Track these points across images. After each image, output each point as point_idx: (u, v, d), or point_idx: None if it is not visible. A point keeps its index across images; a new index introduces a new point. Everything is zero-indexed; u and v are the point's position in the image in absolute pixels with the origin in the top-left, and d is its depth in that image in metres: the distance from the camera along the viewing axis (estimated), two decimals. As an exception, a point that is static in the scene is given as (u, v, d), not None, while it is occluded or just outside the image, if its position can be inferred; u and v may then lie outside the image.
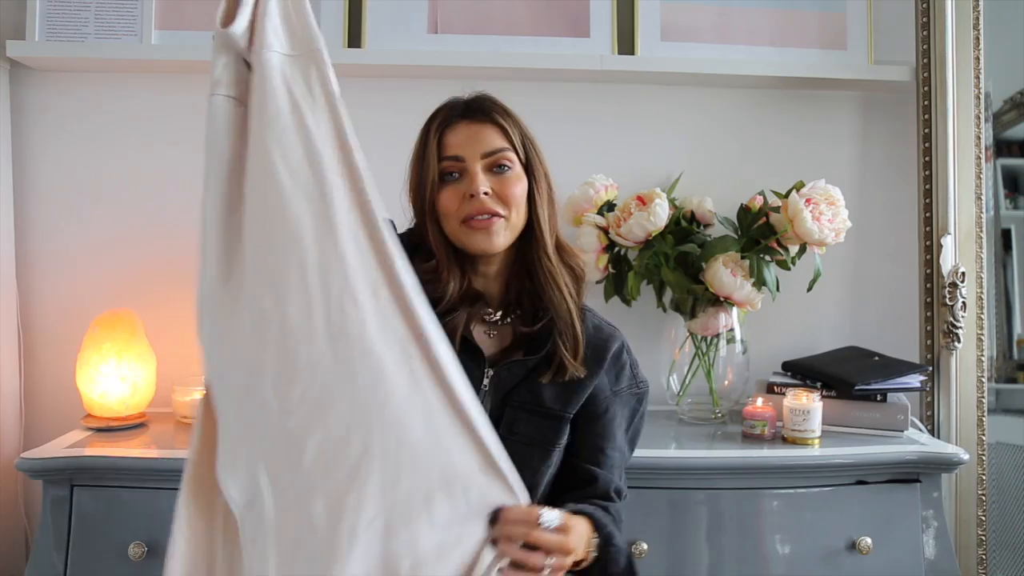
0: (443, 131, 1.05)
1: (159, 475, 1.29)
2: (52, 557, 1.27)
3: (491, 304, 1.10)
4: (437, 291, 1.03)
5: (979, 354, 1.66)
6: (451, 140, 1.04)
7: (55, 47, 1.62)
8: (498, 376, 1.05)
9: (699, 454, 1.40)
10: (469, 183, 1.03)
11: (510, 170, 1.05)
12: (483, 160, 1.04)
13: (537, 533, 0.91)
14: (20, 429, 1.66)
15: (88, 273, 1.68)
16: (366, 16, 1.67)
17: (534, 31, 1.70)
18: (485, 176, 1.03)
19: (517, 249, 1.09)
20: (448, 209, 1.04)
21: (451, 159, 1.04)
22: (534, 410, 1.04)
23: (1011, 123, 1.95)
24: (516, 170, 1.05)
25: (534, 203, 1.07)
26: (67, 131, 1.69)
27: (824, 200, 1.48)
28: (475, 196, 1.02)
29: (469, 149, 1.04)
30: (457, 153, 1.04)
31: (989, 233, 1.72)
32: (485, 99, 1.08)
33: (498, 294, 1.10)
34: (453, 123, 1.06)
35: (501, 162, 1.04)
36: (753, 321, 1.63)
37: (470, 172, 1.03)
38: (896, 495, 1.38)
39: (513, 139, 1.06)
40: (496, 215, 1.03)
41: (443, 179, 1.04)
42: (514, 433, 1.03)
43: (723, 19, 1.73)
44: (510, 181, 1.04)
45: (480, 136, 1.04)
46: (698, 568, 1.34)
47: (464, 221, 1.03)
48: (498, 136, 1.05)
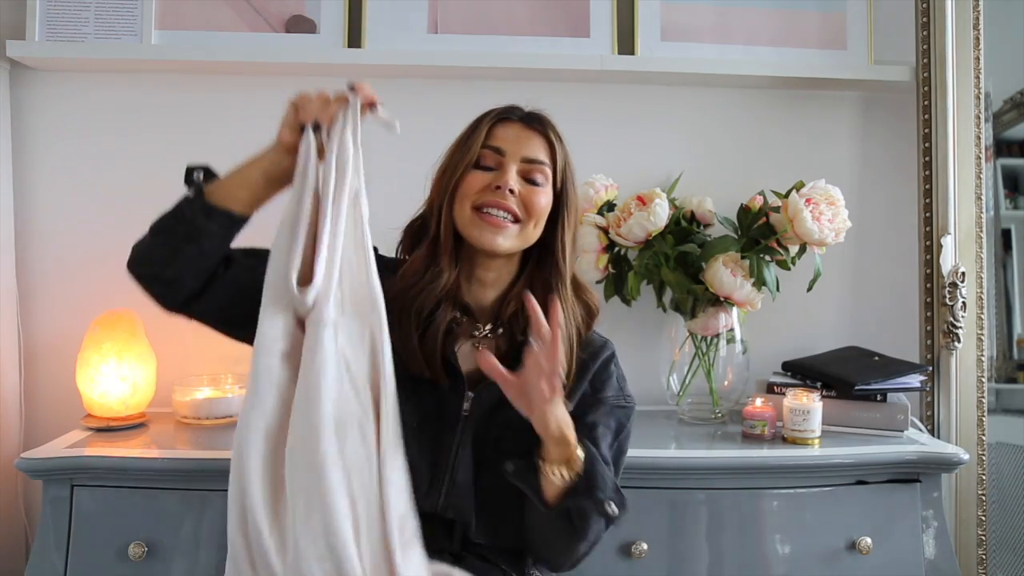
0: (495, 123, 1.07)
1: (159, 475, 1.29)
2: (52, 557, 1.27)
3: (479, 316, 1.09)
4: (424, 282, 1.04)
5: (979, 354, 1.66)
6: (500, 133, 1.06)
7: (55, 47, 1.62)
8: (479, 397, 1.04)
9: (699, 454, 1.40)
10: (500, 176, 1.04)
11: (541, 187, 1.06)
12: (522, 163, 1.05)
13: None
14: (20, 429, 1.66)
15: (88, 273, 1.67)
16: (366, 16, 1.67)
17: (534, 31, 1.70)
18: (517, 179, 1.04)
19: (524, 266, 1.09)
20: (469, 189, 1.04)
21: (493, 149, 1.05)
22: (520, 426, 0.98)
23: (1011, 123, 1.95)
24: (547, 188, 1.06)
25: (561, 228, 1.07)
26: (67, 131, 1.69)
27: (824, 200, 1.48)
28: (500, 188, 1.02)
29: (514, 147, 1.05)
30: (500, 146, 1.05)
31: (989, 233, 1.72)
32: (545, 117, 1.11)
33: (490, 304, 1.09)
34: (508, 121, 1.08)
35: (536, 175, 1.05)
36: (753, 321, 1.63)
37: (505, 167, 1.04)
38: (896, 495, 1.38)
39: (556, 160, 1.07)
40: (513, 215, 1.03)
41: (477, 164, 1.05)
42: (502, 452, 1.01)
43: (723, 19, 1.73)
44: (538, 193, 1.05)
45: (528, 141, 1.06)
46: (698, 568, 1.34)
47: (479, 209, 1.03)
48: (544, 150, 1.07)
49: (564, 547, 1.01)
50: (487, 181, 1.04)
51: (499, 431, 1.03)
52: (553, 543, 1.02)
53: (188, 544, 1.28)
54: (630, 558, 1.32)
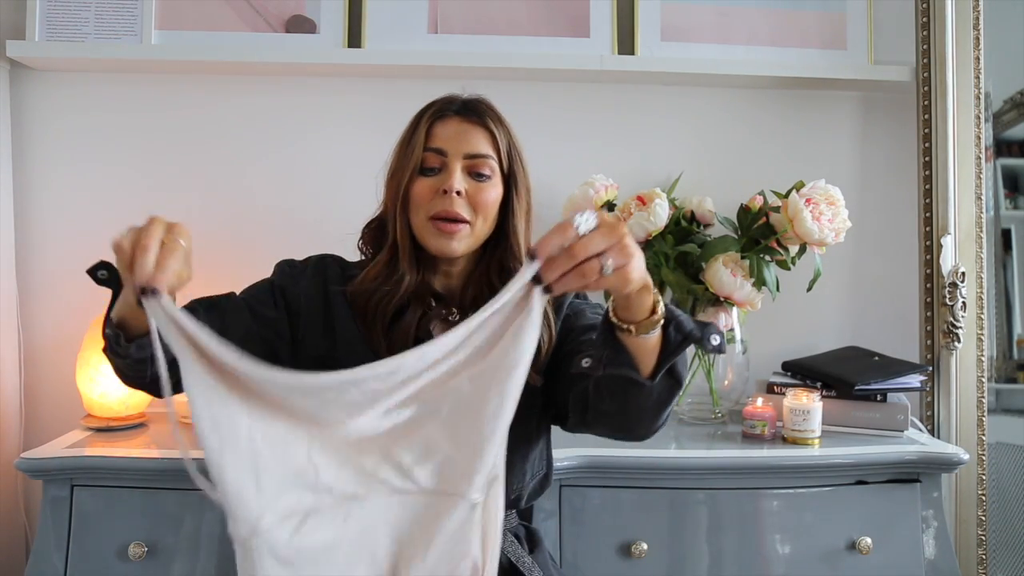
0: (433, 122, 1.06)
1: (159, 475, 1.29)
2: (52, 557, 1.27)
3: (451, 301, 1.10)
4: (387, 286, 1.04)
5: (979, 354, 1.66)
6: (439, 132, 1.06)
7: (55, 47, 1.62)
8: None
9: (699, 454, 1.40)
10: (445, 178, 1.04)
11: (488, 180, 1.06)
12: (465, 160, 1.05)
13: (574, 237, 0.76)
14: (20, 429, 1.66)
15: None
16: (366, 16, 1.67)
17: (534, 31, 1.70)
18: (463, 176, 1.04)
19: (483, 253, 1.10)
20: (419, 200, 1.05)
21: (434, 151, 1.05)
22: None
23: (1011, 123, 1.95)
24: (494, 180, 1.06)
25: (511, 213, 1.08)
26: (67, 131, 1.69)
27: (824, 200, 1.48)
28: (448, 193, 1.03)
29: (454, 146, 1.05)
30: (441, 147, 1.05)
31: (989, 233, 1.72)
32: (481, 102, 1.09)
33: (459, 294, 1.11)
34: (445, 117, 1.07)
35: (481, 169, 1.05)
36: (753, 321, 1.63)
37: (449, 168, 1.04)
38: (896, 495, 1.38)
39: (500, 147, 1.07)
40: (462, 221, 1.03)
41: (422, 170, 1.05)
42: None
43: (723, 19, 1.73)
44: (485, 188, 1.05)
45: (468, 136, 1.05)
46: (698, 568, 1.34)
47: (431, 218, 1.04)
48: (485, 141, 1.06)
49: (662, 407, 0.90)
50: (434, 187, 1.04)
51: None
52: (649, 412, 0.90)
53: (188, 544, 1.28)
54: (630, 558, 1.32)
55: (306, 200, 1.72)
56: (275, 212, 1.71)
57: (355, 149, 1.67)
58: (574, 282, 0.76)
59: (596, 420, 0.96)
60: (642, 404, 0.88)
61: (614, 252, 0.75)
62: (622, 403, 0.89)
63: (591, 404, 0.94)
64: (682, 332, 0.85)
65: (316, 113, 1.72)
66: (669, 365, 0.86)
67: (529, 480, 1.09)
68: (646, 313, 0.83)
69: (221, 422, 0.73)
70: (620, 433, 0.97)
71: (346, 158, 1.69)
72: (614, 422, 0.94)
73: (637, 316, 0.83)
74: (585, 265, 0.75)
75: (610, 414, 0.92)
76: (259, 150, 1.72)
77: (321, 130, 1.72)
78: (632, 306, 0.83)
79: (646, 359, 0.86)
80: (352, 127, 1.70)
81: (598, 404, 0.92)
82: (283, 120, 1.72)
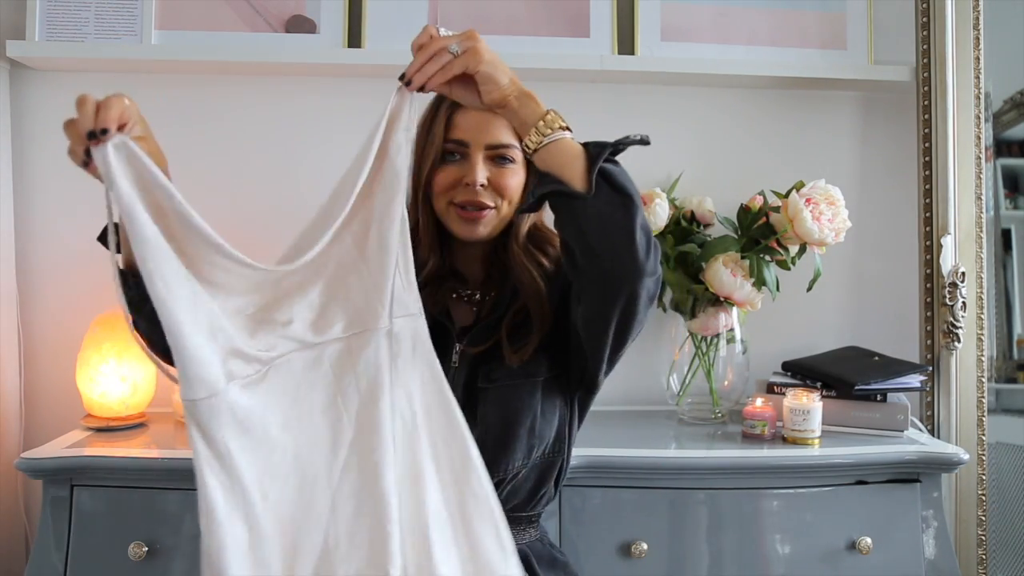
0: (454, 111, 1.05)
1: (159, 475, 1.29)
2: (52, 557, 1.27)
3: (471, 285, 1.12)
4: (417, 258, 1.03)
5: (979, 354, 1.66)
6: (460, 123, 1.04)
7: (55, 47, 1.62)
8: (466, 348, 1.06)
9: (699, 454, 1.40)
10: (468, 170, 1.03)
11: (511, 164, 1.05)
12: (487, 151, 1.04)
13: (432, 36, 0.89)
14: (20, 429, 1.66)
15: (88, 273, 1.67)
16: (366, 16, 1.67)
17: (534, 31, 1.70)
18: (485, 166, 1.04)
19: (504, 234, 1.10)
20: (441, 188, 1.05)
21: (455, 143, 1.04)
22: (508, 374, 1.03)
23: (1011, 123, 1.95)
24: (517, 165, 1.06)
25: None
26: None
27: (824, 200, 1.48)
28: (471, 185, 1.02)
29: (476, 136, 1.04)
30: (462, 138, 1.04)
31: (989, 233, 1.72)
32: None
33: (480, 276, 1.12)
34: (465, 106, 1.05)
35: (504, 155, 1.05)
36: (753, 321, 1.63)
37: (471, 160, 1.04)
38: (896, 495, 1.38)
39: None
40: (487, 208, 1.04)
41: (444, 158, 1.05)
42: (493, 380, 1.03)
43: (723, 19, 1.73)
44: (508, 173, 1.05)
45: (489, 126, 1.04)
46: (698, 568, 1.34)
47: (454, 204, 1.04)
48: (507, 130, 1.04)
49: (624, 226, 0.87)
50: (456, 176, 1.04)
51: (488, 366, 1.04)
52: (612, 231, 0.88)
53: (188, 544, 1.28)
54: (630, 558, 1.32)
55: (306, 200, 1.71)
56: (275, 212, 1.71)
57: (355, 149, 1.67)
58: (430, 68, 0.86)
59: (582, 285, 0.94)
60: (596, 225, 0.87)
61: (460, 39, 0.87)
62: (577, 230, 0.88)
63: (569, 271, 0.95)
64: (602, 144, 0.88)
65: (316, 113, 1.72)
66: (605, 177, 0.87)
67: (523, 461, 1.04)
68: (532, 119, 0.89)
69: (171, 281, 0.72)
70: (608, 281, 0.91)
71: (346, 158, 1.69)
72: (593, 268, 0.90)
73: (530, 121, 0.89)
74: (436, 54, 0.87)
75: (582, 259, 0.90)
76: (259, 150, 1.72)
77: (321, 130, 1.71)
78: (521, 113, 0.89)
79: (572, 174, 0.87)
80: (352, 127, 1.70)
81: (570, 260, 0.92)
82: (283, 120, 1.72)
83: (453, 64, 0.87)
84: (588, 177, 0.86)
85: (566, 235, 0.91)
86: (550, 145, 0.88)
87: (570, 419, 1.10)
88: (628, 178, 0.89)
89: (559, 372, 1.06)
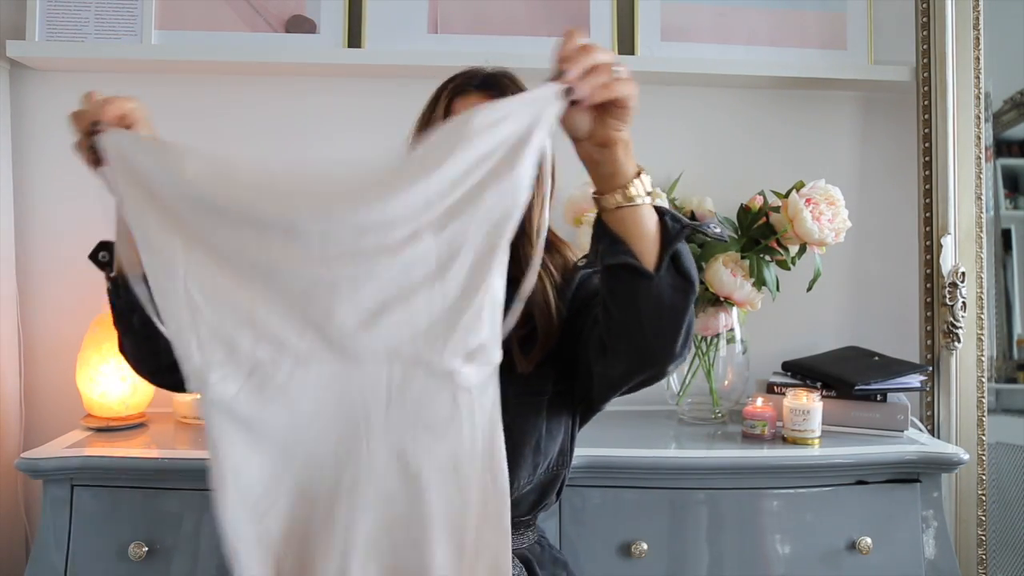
0: (453, 97, 1.02)
1: (159, 475, 1.29)
2: (52, 557, 1.27)
3: None
4: None
5: (979, 354, 1.66)
6: (459, 109, 1.01)
7: (55, 47, 1.62)
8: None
9: (699, 454, 1.40)
10: None
11: None
12: None
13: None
14: (20, 429, 1.66)
15: (88, 273, 1.65)
16: (366, 16, 1.67)
17: (534, 31, 1.70)
18: None
19: None
20: None
21: None
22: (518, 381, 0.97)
23: (1011, 123, 1.95)
24: None
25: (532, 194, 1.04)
26: (67, 131, 1.68)
27: (824, 200, 1.48)
28: None
29: None
30: None
31: (989, 233, 1.72)
32: (505, 76, 1.04)
33: None
34: (466, 92, 1.02)
35: None
36: (753, 321, 1.63)
37: None
38: (896, 495, 1.38)
39: None
40: None
41: None
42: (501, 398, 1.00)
43: (723, 19, 1.73)
44: None
45: None
46: (698, 568, 1.34)
47: None
48: None
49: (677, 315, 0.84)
50: None
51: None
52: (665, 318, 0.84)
53: (188, 544, 1.28)
54: (630, 558, 1.32)
55: (306, 200, 1.71)
56: (275, 212, 1.71)
57: (355, 149, 1.67)
58: (596, 80, 0.75)
59: (614, 348, 0.89)
60: (653, 306, 0.82)
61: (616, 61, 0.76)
62: (631, 304, 0.83)
63: (604, 330, 0.88)
64: (679, 221, 0.82)
65: (316, 113, 1.72)
66: (674, 258, 0.82)
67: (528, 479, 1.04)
68: (626, 176, 0.80)
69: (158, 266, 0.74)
70: (642, 357, 0.88)
71: (346, 158, 1.69)
72: (632, 341, 0.86)
73: (621, 177, 0.80)
74: (600, 68, 0.75)
75: (624, 328, 0.85)
76: (259, 150, 1.72)
77: (321, 130, 1.71)
78: (620, 163, 0.80)
79: (644, 247, 0.81)
80: (352, 127, 1.70)
81: (609, 323, 0.86)
82: (283, 120, 1.72)
83: (615, 86, 0.76)
84: (661, 255, 0.81)
85: (615, 304, 0.86)
86: (631, 209, 0.81)
87: (572, 432, 1.10)
88: (693, 262, 0.85)
89: (564, 388, 1.04)
